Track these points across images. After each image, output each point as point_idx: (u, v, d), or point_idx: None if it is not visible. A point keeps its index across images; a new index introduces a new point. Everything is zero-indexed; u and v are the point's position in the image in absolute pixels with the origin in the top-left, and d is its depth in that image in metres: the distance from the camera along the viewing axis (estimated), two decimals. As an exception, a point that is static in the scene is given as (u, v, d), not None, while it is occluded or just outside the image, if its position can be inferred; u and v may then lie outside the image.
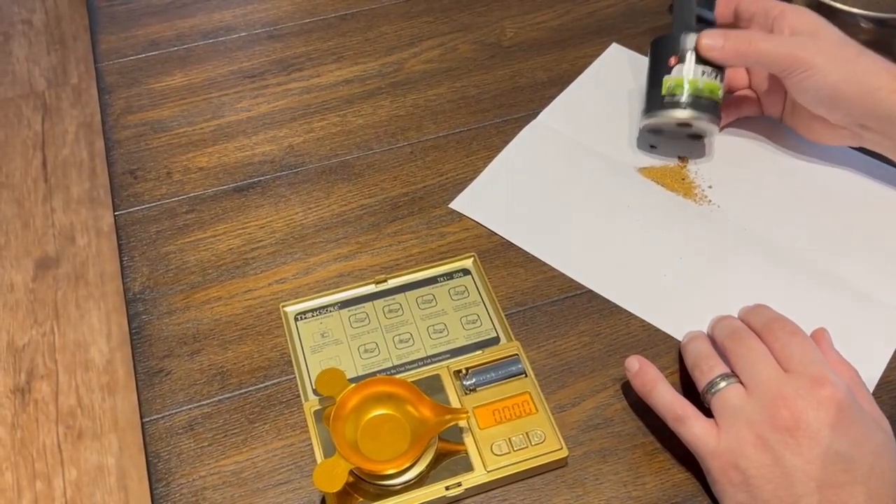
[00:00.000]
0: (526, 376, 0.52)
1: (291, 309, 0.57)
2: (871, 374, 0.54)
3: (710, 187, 0.64)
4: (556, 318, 0.57)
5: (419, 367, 0.54)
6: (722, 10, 0.64)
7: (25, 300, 1.55)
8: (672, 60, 0.61)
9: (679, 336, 0.55)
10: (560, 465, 0.50)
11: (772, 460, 0.44)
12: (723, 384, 0.48)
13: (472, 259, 0.59)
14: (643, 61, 0.73)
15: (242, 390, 0.54)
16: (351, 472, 0.47)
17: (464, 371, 0.53)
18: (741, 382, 0.48)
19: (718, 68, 0.61)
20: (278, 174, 0.66)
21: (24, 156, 1.78)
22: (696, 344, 0.52)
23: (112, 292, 1.56)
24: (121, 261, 0.60)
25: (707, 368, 0.49)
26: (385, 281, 0.58)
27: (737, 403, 0.47)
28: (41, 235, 1.65)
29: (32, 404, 1.42)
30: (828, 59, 0.57)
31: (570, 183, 0.64)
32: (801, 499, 0.43)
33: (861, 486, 0.43)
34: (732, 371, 0.49)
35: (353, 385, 0.49)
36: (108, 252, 1.62)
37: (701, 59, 0.60)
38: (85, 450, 1.37)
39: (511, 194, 0.64)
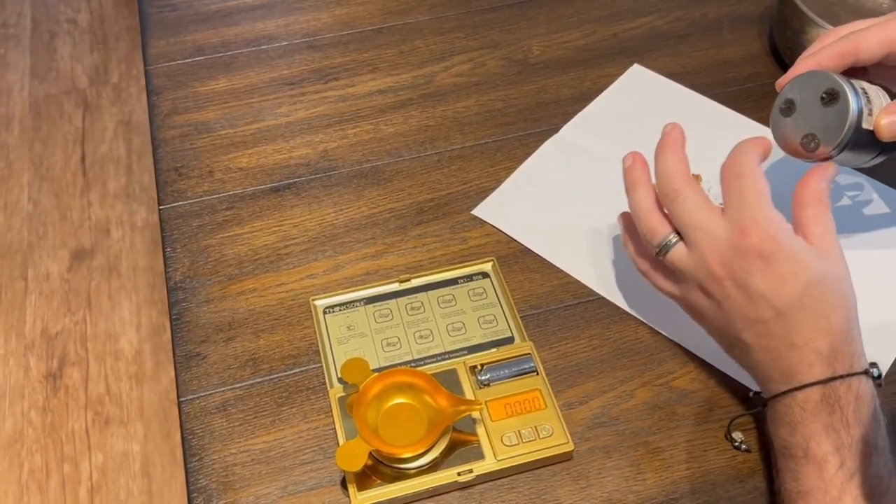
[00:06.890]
0: (537, 374, 0.56)
1: (321, 303, 0.60)
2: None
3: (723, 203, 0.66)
4: (569, 322, 0.60)
5: (437, 361, 0.57)
6: None
7: (60, 290, 1.61)
8: None
9: (684, 343, 0.59)
10: (566, 458, 0.54)
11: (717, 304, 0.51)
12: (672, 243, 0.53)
13: (491, 263, 0.63)
14: (663, 81, 0.76)
15: (272, 376, 0.58)
16: (370, 455, 0.51)
17: (479, 367, 0.56)
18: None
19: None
20: (313, 177, 0.70)
21: (65, 150, 1.84)
22: (638, 197, 0.55)
23: (144, 285, 1.61)
24: (164, 252, 0.65)
25: (649, 231, 0.53)
26: (409, 280, 0.62)
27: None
28: (77, 228, 1.70)
29: (63, 390, 1.47)
30: None
31: (588, 195, 0.68)
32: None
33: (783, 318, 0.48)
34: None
35: (376, 374, 0.53)
36: (142, 246, 1.67)
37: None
38: (111, 436, 1.42)
39: (531, 203, 0.67)
